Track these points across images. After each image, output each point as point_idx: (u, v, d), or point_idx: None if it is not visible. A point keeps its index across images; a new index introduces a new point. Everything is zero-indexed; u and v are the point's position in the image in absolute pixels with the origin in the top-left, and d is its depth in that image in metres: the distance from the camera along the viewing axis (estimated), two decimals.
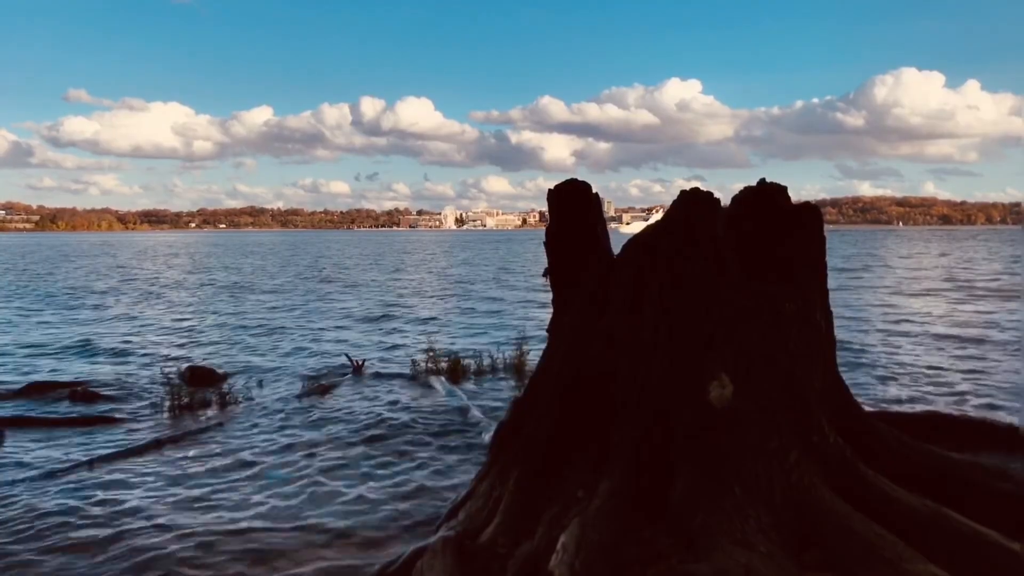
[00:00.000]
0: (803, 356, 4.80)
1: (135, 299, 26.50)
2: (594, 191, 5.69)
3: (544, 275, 5.97)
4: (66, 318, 20.86)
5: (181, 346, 15.64)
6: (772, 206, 5.28)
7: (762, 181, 5.40)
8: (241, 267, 50.95)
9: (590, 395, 5.01)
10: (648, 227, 5.24)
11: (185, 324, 19.55)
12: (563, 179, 5.72)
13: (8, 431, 8.58)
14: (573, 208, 5.60)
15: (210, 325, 19.36)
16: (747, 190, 5.41)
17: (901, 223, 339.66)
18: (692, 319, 4.74)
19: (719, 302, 4.76)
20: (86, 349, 15.20)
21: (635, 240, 5.17)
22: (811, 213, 5.36)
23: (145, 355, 14.37)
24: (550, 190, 5.68)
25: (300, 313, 21.99)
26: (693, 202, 4.99)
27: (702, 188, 5.12)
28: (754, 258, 5.15)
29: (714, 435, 4.47)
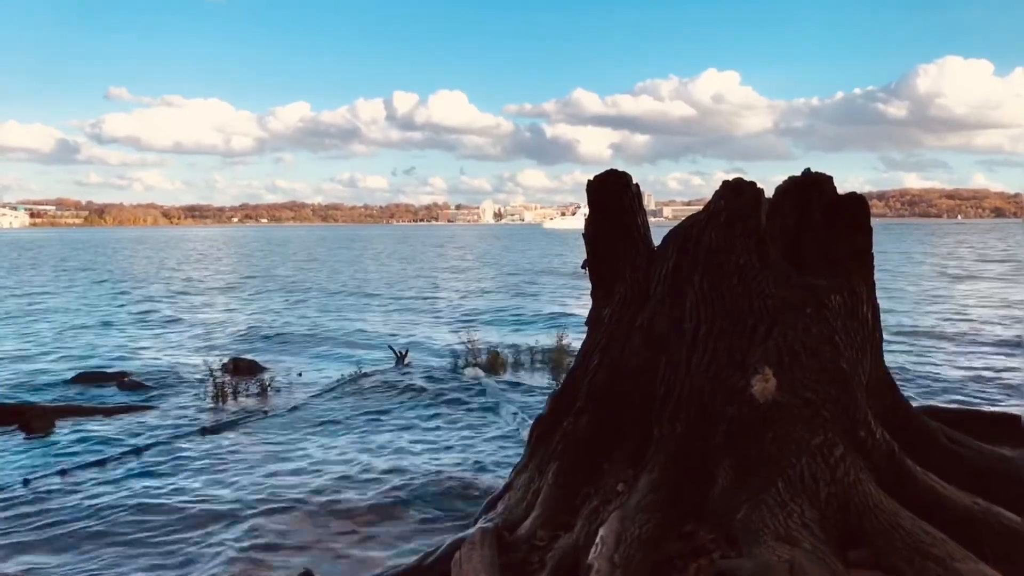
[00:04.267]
0: (849, 349, 4.69)
1: (182, 292, 26.98)
2: (634, 182, 5.62)
3: (583, 266, 5.92)
4: (116, 309, 21.34)
5: (225, 338, 15.90)
6: (818, 196, 5.16)
7: (807, 171, 5.29)
8: (287, 260, 51.62)
9: (630, 388, 4.95)
10: (689, 218, 5.16)
11: (230, 316, 19.87)
12: (600, 171, 5.66)
13: (59, 420, 8.80)
14: (612, 199, 5.53)
15: (254, 318, 19.65)
16: (791, 180, 5.29)
17: (960, 215, 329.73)
18: (734, 312, 4.66)
19: (762, 295, 4.67)
20: (133, 340, 15.54)
21: (676, 232, 5.10)
22: (858, 203, 5.22)
23: (191, 347, 14.64)
24: (589, 181, 5.62)
25: (347, 304, 22.21)
26: (736, 193, 4.90)
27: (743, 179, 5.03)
28: (799, 250, 5.05)
29: (757, 429, 4.39)
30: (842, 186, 5.22)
